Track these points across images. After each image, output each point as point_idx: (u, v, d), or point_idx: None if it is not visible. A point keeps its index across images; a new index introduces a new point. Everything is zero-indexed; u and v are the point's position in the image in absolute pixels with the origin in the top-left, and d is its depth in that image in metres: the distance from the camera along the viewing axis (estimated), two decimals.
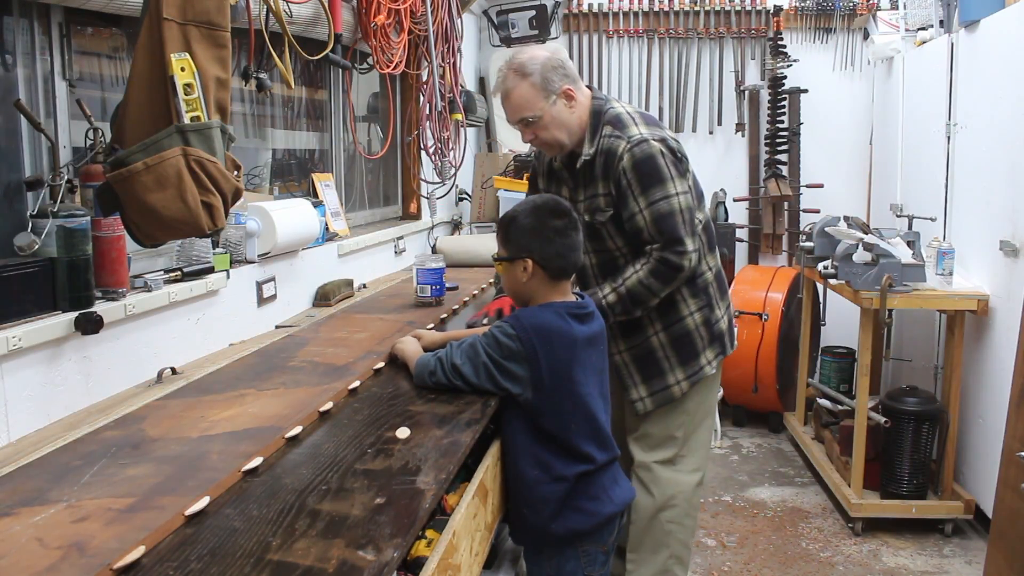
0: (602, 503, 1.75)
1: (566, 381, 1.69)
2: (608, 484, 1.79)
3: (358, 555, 1.01)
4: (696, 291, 2.22)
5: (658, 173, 2.07)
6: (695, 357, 2.25)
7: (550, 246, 1.73)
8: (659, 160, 2.07)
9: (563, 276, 1.77)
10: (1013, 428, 2.47)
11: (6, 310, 1.50)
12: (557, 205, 1.78)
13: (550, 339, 1.67)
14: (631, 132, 2.11)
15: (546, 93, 2.10)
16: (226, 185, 1.61)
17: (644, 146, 2.07)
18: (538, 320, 1.69)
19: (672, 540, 2.30)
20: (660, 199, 2.06)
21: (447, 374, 1.71)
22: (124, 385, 1.76)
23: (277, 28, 2.22)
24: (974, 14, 3.31)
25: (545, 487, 1.70)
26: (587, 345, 1.74)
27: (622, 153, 2.09)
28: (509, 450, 1.73)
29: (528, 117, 2.12)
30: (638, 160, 2.07)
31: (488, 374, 1.67)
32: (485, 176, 4.43)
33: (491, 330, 1.71)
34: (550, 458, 1.70)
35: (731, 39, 5.01)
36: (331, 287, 2.72)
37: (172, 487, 1.20)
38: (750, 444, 4.36)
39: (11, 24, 1.68)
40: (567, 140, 2.16)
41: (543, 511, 1.70)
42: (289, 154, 3.06)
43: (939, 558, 3.12)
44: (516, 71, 2.12)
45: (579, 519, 1.72)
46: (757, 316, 4.28)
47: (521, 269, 1.74)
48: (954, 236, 3.50)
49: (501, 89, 2.16)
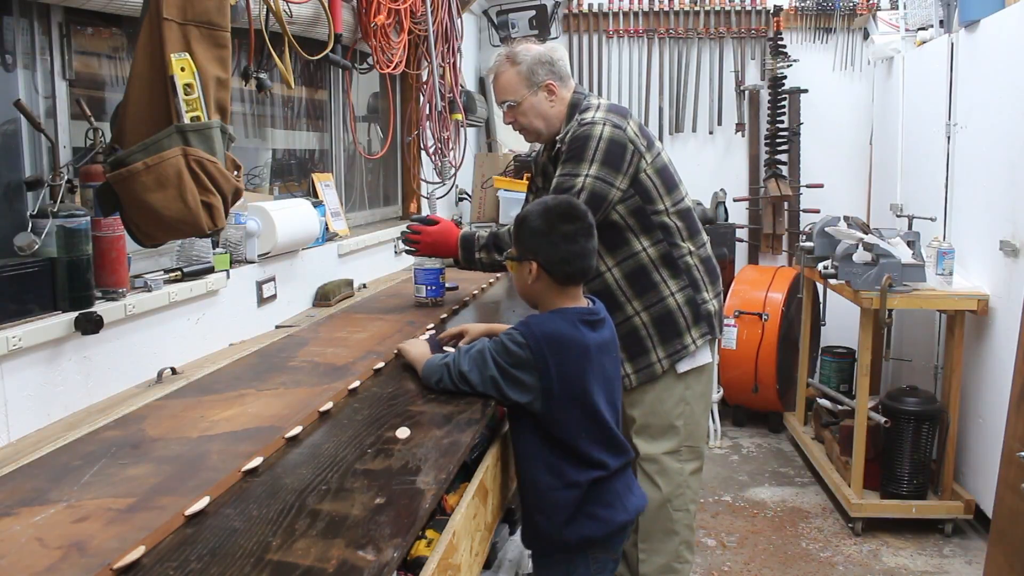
0: (616, 511, 1.72)
1: (577, 390, 1.64)
2: (622, 491, 1.75)
3: (358, 555, 1.01)
4: (676, 272, 2.30)
5: (581, 152, 2.18)
6: (678, 336, 2.31)
7: (555, 251, 1.69)
8: (591, 142, 2.18)
9: (570, 283, 1.72)
10: (1013, 428, 2.47)
11: (6, 310, 1.50)
12: (571, 209, 1.73)
13: (561, 348, 1.62)
14: (586, 116, 2.26)
15: (529, 83, 2.29)
16: (226, 185, 1.61)
17: (587, 128, 2.21)
18: (548, 328, 1.64)
19: (680, 527, 2.40)
20: (569, 174, 2.18)
21: (454, 381, 1.67)
22: (124, 385, 1.76)
23: (277, 28, 2.22)
24: (974, 14, 3.31)
25: (558, 493, 1.66)
26: (598, 352, 1.70)
27: (570, 128, 2.26)
28: (520, 455, 1.71)
29: (509, 101, 2.32)
30: (574, 136, 2.21)
31: (495, 385, 1.63)
32: (485, 176, 4.43)
33: (501, 337, 1.65)
34: (562, 464, 1.66)
35: (731, 39, 5.01)
36: (331, 287, 2.72)
37: (172, 487, 1.20)
38: (750, 444, 4.36)
39: (11, 24, 1.68)
40: (543, 129, 2.35)
41: (556, 518, 1.66)
42: (289, 154, 3.06)
43: (939, 558, 3.12)
44: (509, 58, 2.33)
45: (593, 526, 1.68)
46: (757, 316, 4.28)
47: (527, 271, 1.71)
48: (954, 236, 3.50)
49: (493, 71, 2.37)
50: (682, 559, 2.41)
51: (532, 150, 4.35)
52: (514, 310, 2.47)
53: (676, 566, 2.41)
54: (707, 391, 2.43)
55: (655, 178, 2.27)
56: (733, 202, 4.97)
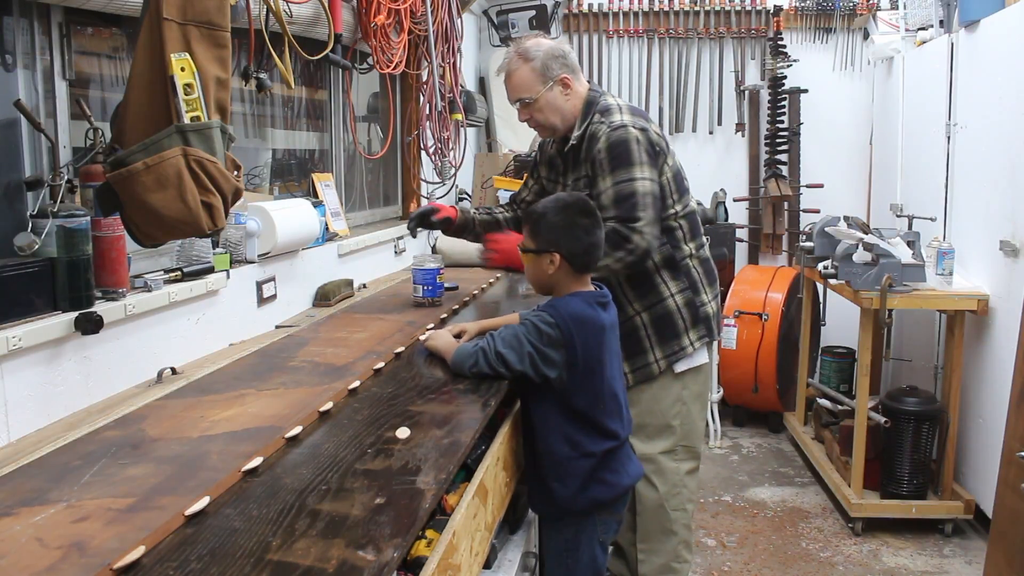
0: (621, 476, 1.91)
1: (596, 363, 1.84)
2: (625, 459, 1.94)
3: (358, 555, 1.01)
4: (677, 274, 2.32)
5: (628, 156, 2.19)
6: (676, 337, 2.33)
7: (578, 243, 1.85)
8: (632, 145, 2.20)
9: (586, 270, 1.91)
10: (1013, 428, 2.47)
11: (6, 310, 1.50)
12: (585, 204, 1.91)
13: (584, 325, 1.81)
14: (614, 119, 2.25)
15: (544, 79, 2.27)
16: (226, 185, 1.61)
17: (622, 131, 2.21)
18: (572, 308, 1.83)
19: (678, 527, 2.41)
20: (625, 180, 2.19)
21: (491, 363, 1.80)
22: (124, 385, 1.76)
23: (277, 28, 2.22)
24: (974, 14, 3.31)
25: (575, 463, 1.84)
26: (611, 330, 1.91)
27: (601, 135, 2.23)
28: (539, 427, 1.86)
29: (525, 98, 2.30)
30: (613, 142, 2.20)
31: (531, 362, 1.79)
32: (485, 176, 4.43)
33: (531, 320, 1.82)
34: (580, 436, 1.84)
35: (731, 39, 5.01)
36: (331, 287, 2.72)
37: (172, 487, 1.20)
38: (750, 444, 4.36)
39: (11, 24, 1.68)
40: (559, 124, 2.33)
41: (571, 485, 1.84)
42: (289, 154, 3.06)
43: (939, 558, 3.12)
44: (520, 55, 2.29)
45: (602, 490, 1.87)
46: (757, 316, 4.28)
47: (548, 262, 1.86)
48: (954, 236, 3.50)
49: (505, 70, 2.33)
50: (681, 559, 2.42)
51: (532, 150, 4.36)
52: (514, 309, 2.47)
53: (675, 566, 2.42)
54: (704, 391, 2.44)
55: (672, 182, 2.29)
56: (733, 202, 4.97)
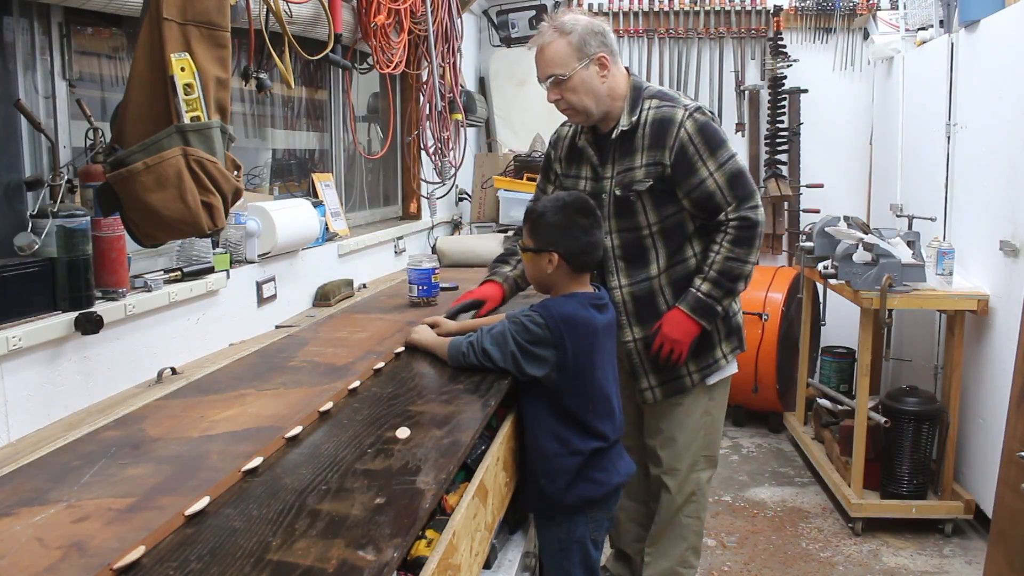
0: (610, 474, 1.90)
1: (587, 365, 1.83)
2: (615, 458, 1.94)
3: (358, 555, 1.01)
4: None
5: (719, 136, 2.12)
6: (710, 350, 2.25)
7: (576, 243, 1.85)
8: (716, 126, 2.13)
9: (585, 270, 1.91)
10: (1013, 428, 2.47)
11: (6, 310, 1.50)
12: (585, 204, 1.89)
13: (575, 327, 1.81)
14: (684, 101, 2.15)
15: (580, 55, 2.09)
16: (226, 185, 1.61)
17: (698, 114, 2.12)
18: (564, 309, 1.83)
19: (689, 533, 2.38)
20: (728, 159, 2.10)
21: (478, 357, 1.84)
22: (124, 385, 1.76)
23: (277, 28, 2.22)
24: (974, 14, 3.31)
25: (562, 460, 1.84)
26: (605, 332, 1.90)
27: (683, 120, 2.10)
28: (529, 425, 1.87)
29: (558, 74, 2.09)
30: (701, 125, 2.10)
31: (514, 360, 1.80)
32: (485, 176, 4.43)
33: (520, 318, 1.83)
34: (568, 434, 1.84)
35: (731, 39, 5.00)
36: (331, 287, 2.72)
37: (172, 487, 1.20)
38: (750, 444, 4.36)
39: (11, 24, 1.68)
40: (593, 108, 2.13)
41: (558, 481, 1.84)
42: (289, 154, 3.06)
43: (939, 558, 3.12)
44: (556, 28, 2.10)
45: (590, 488, 1.87)
46: (757, 316, 4.28)
47: (546, 261, 1.87)
48: (954, 236, 3.50)
49: (538, 43, 2.13)
50: (687, 564, 2.39)
51: (532, 149, 4.35)
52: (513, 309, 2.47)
53: (681, 570, 2.39)
54: (726, 399, 2.38)
55: None
56: None
